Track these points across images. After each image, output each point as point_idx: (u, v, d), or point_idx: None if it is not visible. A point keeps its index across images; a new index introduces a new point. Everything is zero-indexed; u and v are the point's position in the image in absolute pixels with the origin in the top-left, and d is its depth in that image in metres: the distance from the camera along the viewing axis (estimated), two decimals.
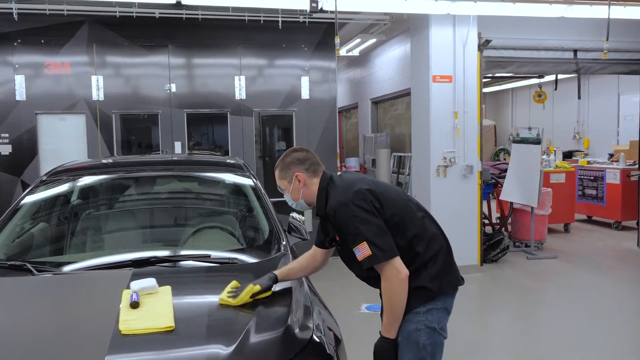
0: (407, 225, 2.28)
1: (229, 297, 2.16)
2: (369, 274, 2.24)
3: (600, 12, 6.14)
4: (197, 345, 1.86)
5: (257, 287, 2.21)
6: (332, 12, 5.44)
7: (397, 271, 2.17)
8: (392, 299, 2.20)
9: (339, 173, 2.45)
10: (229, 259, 2.64)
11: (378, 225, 2.19)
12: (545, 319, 5.05)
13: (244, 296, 2.16)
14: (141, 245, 3.11)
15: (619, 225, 8.85)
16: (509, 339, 4.69)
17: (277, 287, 2.33)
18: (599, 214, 9.30)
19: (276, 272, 2.35)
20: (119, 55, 7.05)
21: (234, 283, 2.24)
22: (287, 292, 2.31)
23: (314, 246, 2.55)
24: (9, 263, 2.57)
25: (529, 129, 7.17)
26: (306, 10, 5.50)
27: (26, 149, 6.82)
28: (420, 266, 2.26)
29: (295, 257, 2.71)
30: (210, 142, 7.72)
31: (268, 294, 2.26)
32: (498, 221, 7.87)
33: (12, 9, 5.97)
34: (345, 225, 2.19)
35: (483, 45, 6.60)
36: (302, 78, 7.48)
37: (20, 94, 6.79)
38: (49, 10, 6.40)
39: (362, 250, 2.15)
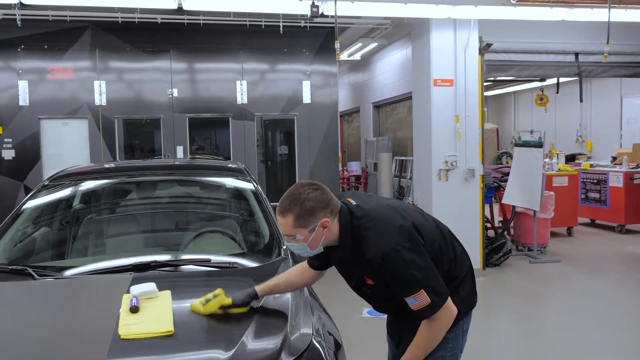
0: (443, 252, 2.09)
1: (201, 303, 2.05)
2: (404, 309, 2.00)
3: (601, 15, 6.14)
4: (196, 350, 1.87)
5: (228, 301, 2.06)
6: (332, 16, 5.46)
7: (450, 312, 1.99)
8: (434, 339, 2.03)
9: (352, 201, 2.07)
10: (229, 263, 2.64)
11: (431, 266, 1.96)
12: (548, 323, 5.03)
13: (213, 306, 2.04)
14: (142, 250, 3.11)
15: (622, 228, 8.81)
16: (512, 343, 4.67)
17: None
18: (602, 217, 9.27)
19: (257, 287, 2.13)
20: (122, 60, 7.10)
21: (218, 291, 2.10)
22: (287, 296, 2.31)
23: (305, 262, 2.27)
24: (10, 268, 2.58)
25: (531, 132, 7.16)
26: (307, 15, 5.52)
27: (29, 154, 6.86)
28: (453, 290, 2.09)
29: (295, 261, 2.69)
30: (212, 147, 7.75)
31: (244, 309, 2.09)
32: (500, 225, 7.85)
33: (15, 15, 6.01)
34: (397, 273, 1.91)
35: (484, 48, 6.61)
36: (303, 82, 7.51)
37: (24, 99, 6.83)
38: (52, 16, 6.45)
39: (420, 300, 1.91)
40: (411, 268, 1.91)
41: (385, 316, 2.39)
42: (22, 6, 5.51)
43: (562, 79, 9.03)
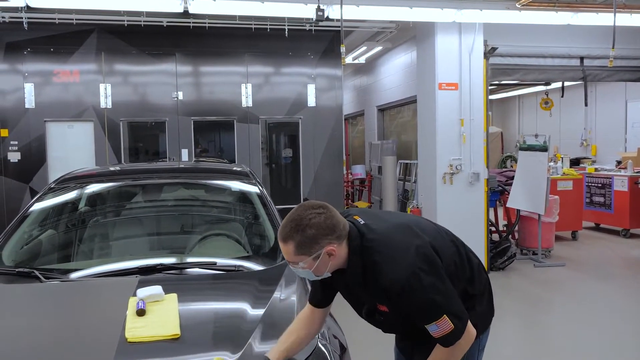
0: (460, 270, 1.98)
1: None
2: (421, 332, 1.86)
3: (606, 19, 6.13)
4: (203, 353, 1.87)
5: None
6: (338, 20, 5.47)
7: (470, 335, 1.86)
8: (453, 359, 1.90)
9: (358, 219, 1.91)
10: (234, 266, 2.65)
11: (451, 289, 1.84)
12: (552, 327, 5.01)
13: None
14: (148, 253, 3.13)
15: (627, 232, 8.78)
16: (516, 347, 4.65)
17: (282, 295, 2.33)
18: (606, 221, 9.24)
19: (271, 355, 1.85)
20: (127, 63, 7.13)
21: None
22: (292, 299, 2.31)
23: (308, 305, 2.02)
24: (17, 270, 2.59)
25: (536, 136, 7.16)
26: (312, 19, 5.54)
27: (35, 156, 6.89)
28: (470, 307, 1.97)
29: None
30: (217, 150, 7.77)
31: None
32: (505, 229, 7.84)
33: (22, 18, 6.05)
34: (417, 299, 1.77)
35: (489, 52, 6.61)
36: (308, 86, 7.53)
37: (30, 102, 6.87)
38: (58, 19, 6.48)
39: (443, 326, 1.77)
40: (431, 293, 1.76)
41: None
42: (29, 9, 5.55)
43: (567, 83, 9.02)
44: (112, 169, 4.18)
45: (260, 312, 2.15)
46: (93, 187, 3.50)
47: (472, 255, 2.09)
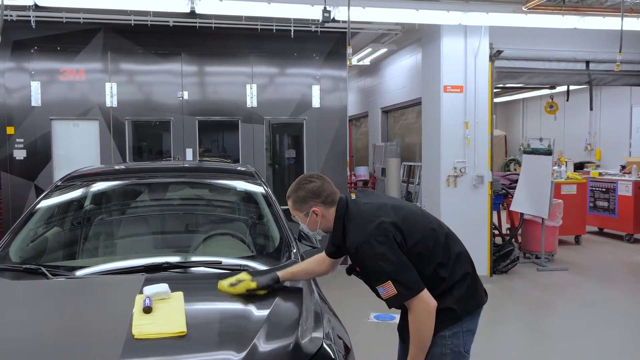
0: (432, 253, 2.22)
1: (229, 286, 2.29)
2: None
3: (613, 23, 6.12)
4: (208, 351, 1.88)
5: (254, 285, 2.30)
6: (344, 22, 5.48)
7: (425, 304, 2.13)
8: (420, 332, 2.16)
9: (353, 196, 2.35)
10: (239, 265, 2.66)
11: (401, 261, 2.12)
12: (555, 331, 5.01)
13: (240, 289, 2.28)
14: (153, 251, 3.14)
15: (630, 237, 8.76)
16: (518, 351, 4.65)
17: (287, 295, 2.34)
18: (610, 226, 9.22)
19: (279, 272, 2.39)
20: (133, 62, 7.14)
21: (243, 275, 2.34)
22: (298, 299, 2.32)
23: (324, 252, 2.49)
24: (24, 267, 2.61)
25: (540, 139, 7.15)
26: (318, 20, 5.55)
27: (40, 154, 6.91)
28: (446, 290, 2.23)
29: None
30: (221, 150, 7.78)
31: (265, 291, 2.32)
32: (508, 232, 7.83)
33: (30, 16, 6.08)
34: (368, 263, 2.14)
35: (494, 55, 6.61)
36: (313, 87, 7.52)
37: (36, 100, 6.89)
38: (65, 18, 6.50)
39: (387, 289, 2.11)
40: (379, 260, 2.10)
41: (391, 321, 2.44)
42: (37, 8, 5.58)
43: (572, 87, 9.01)
44: (118, 167, 4.19)
45: (265, 312, 2.16)
46: (99, 186, 3.52)
47: (456, 246, 2.33)
